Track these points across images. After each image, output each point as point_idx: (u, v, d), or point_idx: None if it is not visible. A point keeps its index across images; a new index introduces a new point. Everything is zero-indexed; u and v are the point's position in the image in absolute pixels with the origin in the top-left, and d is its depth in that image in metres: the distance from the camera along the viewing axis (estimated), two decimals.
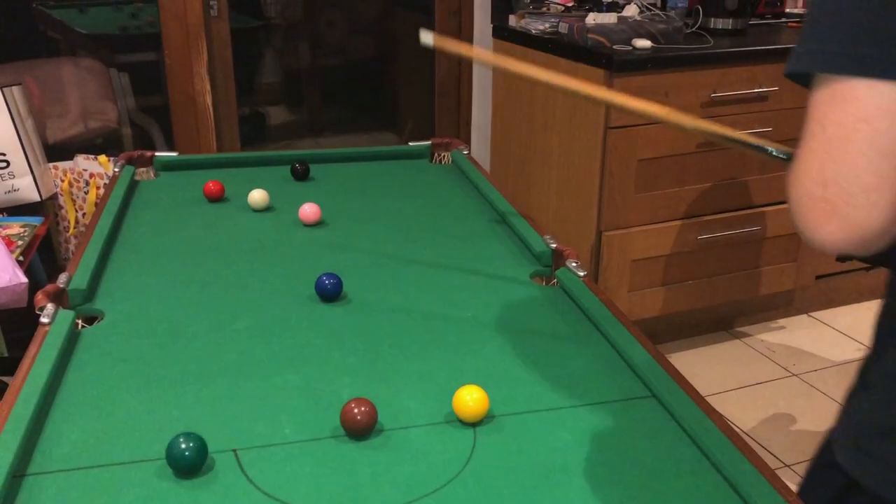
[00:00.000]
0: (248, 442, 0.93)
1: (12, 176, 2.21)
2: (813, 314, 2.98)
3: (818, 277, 2.86)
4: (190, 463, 0.87)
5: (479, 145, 2.99)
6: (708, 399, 1.02)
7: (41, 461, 0.89)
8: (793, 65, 0.76)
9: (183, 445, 0.87)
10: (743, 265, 2.69)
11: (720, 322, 2.85)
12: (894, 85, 0.67)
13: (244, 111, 2.85)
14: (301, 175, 1.77)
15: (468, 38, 2.89)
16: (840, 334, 2.86)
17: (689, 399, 0.98)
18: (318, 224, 1.55)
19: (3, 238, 1.95)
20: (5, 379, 1.90)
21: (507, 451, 0.93)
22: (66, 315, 1.15)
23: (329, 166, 1.86)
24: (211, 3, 2.53)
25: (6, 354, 2.08)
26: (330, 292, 1.25)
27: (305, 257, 1.42)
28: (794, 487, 0.89)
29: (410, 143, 1.95)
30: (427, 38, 1.27)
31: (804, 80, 0.76)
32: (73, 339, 1.13)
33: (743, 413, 2.41)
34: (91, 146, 2.83)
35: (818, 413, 2.42)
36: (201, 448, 0.88)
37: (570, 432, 0.96)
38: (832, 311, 2.99)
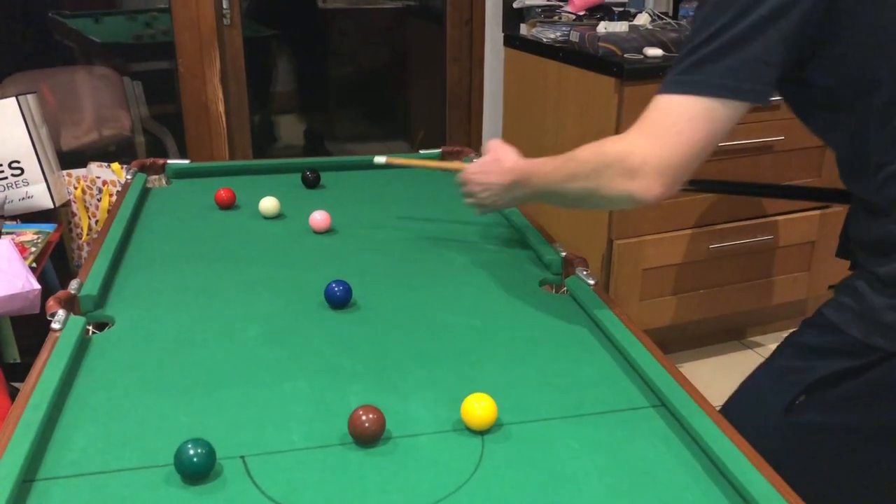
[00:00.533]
0: (256, 448, 0.93)
1: (26, 183, 2.22)
2: None
3: (831, 287, 2.83)
4: (198, 469, 0.87)
5: None
6: (719, 409, 1.01)
7: (50, 466, 0.90)
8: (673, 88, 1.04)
9: (191, 451, 0.87)
10: (755, 274, 2.67)
11: (732, 332, 2.83)
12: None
13: (254, 120, 2.86)
14: (312, 183, 1.78)
15: (480, 48, 2.90)
16: None
17: (699, 409, 0.98)
18: (328, 231, 1.55)
19: (17, 244, 1.97)
20: (17, 385, 1.91)
21: (515, 460, 0.92)
22: (77, 321, 1.16)
23: (340, 174, 1.86)
24: (224, 12, 2.55)
25: (18, 360, 2.09)
26: (339, 299, 1.25)
27: (315, 264, 1.42)
28: None
29: (421, 151, 1.95)
30: (380, 159, 1.48)
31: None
32: (83, 345, 1.14)
33: None
34: (104, 154, 2.85)
35: None
36: (209, 454, 0.88)
37: (579, 441, 0.96)
38: None
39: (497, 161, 1.33)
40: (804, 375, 1.10)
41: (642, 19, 2.55)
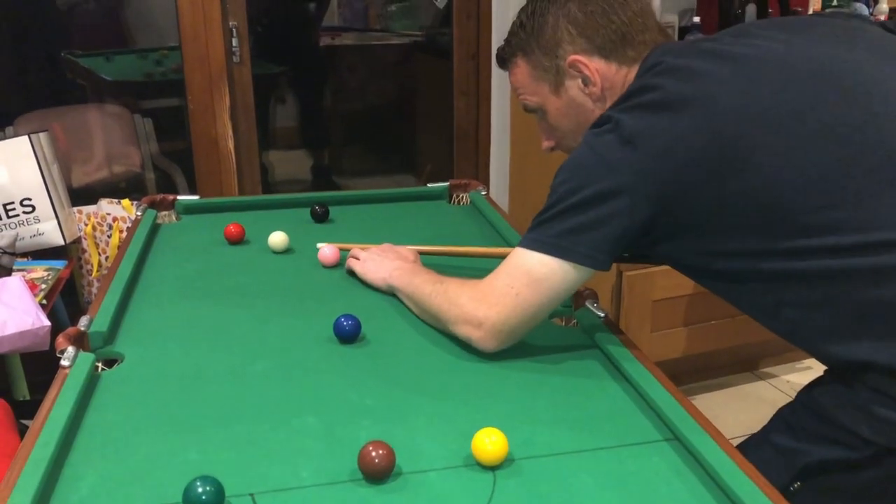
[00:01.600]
0: (265, 485, 0.92)
1: (37, 220, 2.24)
2: None
3: None
4: None
5: (498, 186, 3.00)
6: (733, 442, 1.00)
7: None
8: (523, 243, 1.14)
9: (200, 489, 0.86)
10: None
11: (745, 363, 2.80)
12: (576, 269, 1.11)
13: (263, 156, 2.88)
14: (321, 217, 1.78)
15: (486, 82, 2.92)
16: None
17: (713, 442, 0.96)
18: (337, 266, 1.55)
19: (28, 281, 1.97)
20: (27, 422, 1.90)
21: (527, 496, 0.91)
22: (87, 358, 1.16)
23: (348, 208, 1.87)
24: (233, 49, 2.58)
25: (28, 397, 2.09)
26: (348, 334, 1.25)
27: (324, 299, 1.42)
28: None
29: (429, 185, 1.96)
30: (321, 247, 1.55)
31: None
32: (92, 381, 1.13)
33: None
34: (115, 190, 2.87)
35: None
36: (218, 492, 0.87)
37: (592, 476, 0.94)
38: None
39: (398, 253, 1.48)
40: (796, 459, 1.09)
41: None
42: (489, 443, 0.95)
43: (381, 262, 1.44)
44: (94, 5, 3.07)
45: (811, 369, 2.82)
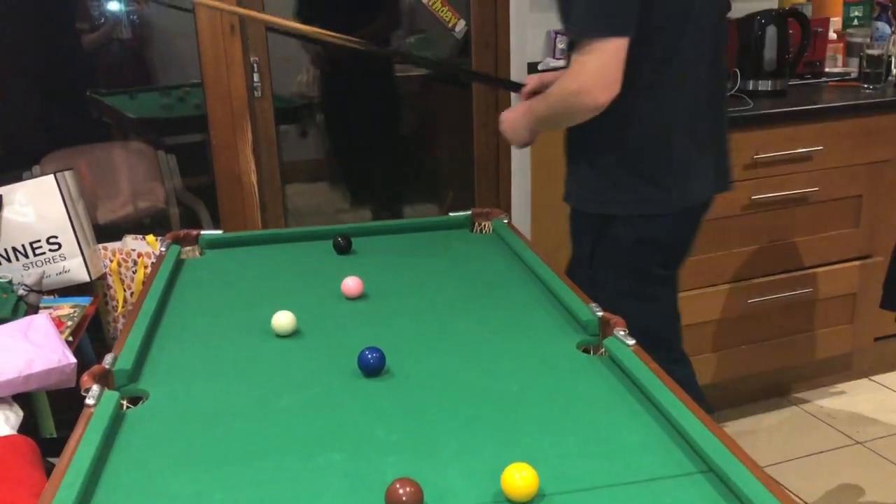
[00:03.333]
0: None
1: (63, 258, 2.26)
2: (874, 378, 2.87)
3: (877, 339, 2.76)
4: None
5: (519, 213, 2.98)
6: (766, 470, 0.97)
7: None
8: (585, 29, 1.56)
9: None
10: (797, 328, 2.61)
11: (776, 388, 2.75)
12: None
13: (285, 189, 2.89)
14: (343, 249, 1.78)
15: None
16: None
17: (749, 473, 0.94)
18: (360, 297, 1.55)
19: (54, 319, 1.98)
20: (54, 460, 1.90)
21: None
22: (111, 396, 1.15)
23: (371, 239, 1.86)
24: (255, 84, 2.60)
25: (55, 434, 2.09)
26: (373, 367, 1.24)
27: (348, 331, 1.41)
28: None
29: (451, 214, 1.95)
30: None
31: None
32: (117, 420, 1.13)
33: (805, 484, 2.30)
34: (139, 226, 2.89)
35: (887, 483, 2.30)
36: None
37: None
38: (894, 375, 2.88)
39: (512, 109, 1.91)
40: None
41: None
42: (519, 478, 0.93)
43: (512, 122, 1.87)
44: (118, 45, 3.12)
45: (845, 394, 2.76)
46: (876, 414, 2.64)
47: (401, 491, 0.91)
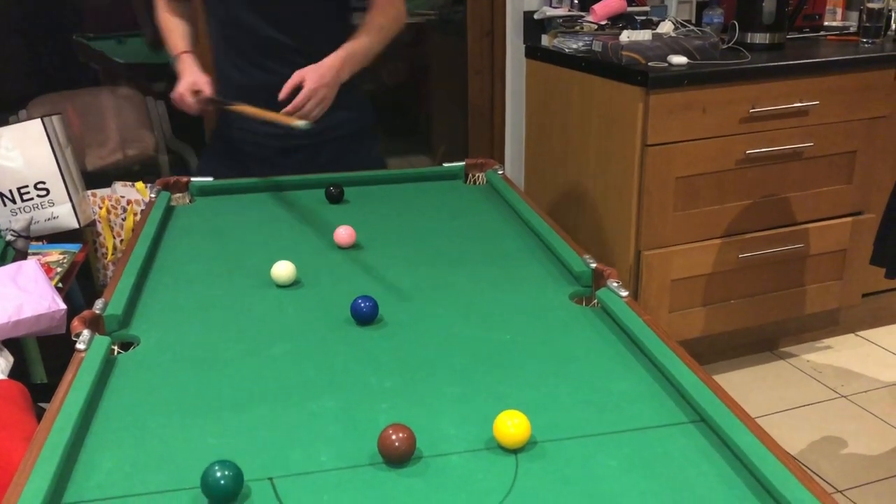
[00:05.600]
0: (284, 470, 0.91)
1: (52, 204, 2.23)
2: (860, 333, 2.89)
3: (865, 295, 2.78)
4: (225, 492, 0.85)
5: (513, 164, 2.97)
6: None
7: (76, 490, 0.88)
8: None
9: (218, 474, 0.85)
10: (787, 283, 2.63)
11: (764, 342, 2.78)
12: None
13: None
14: (335, 198, 1.76)
15: (501, 59, 2.88)
16: (890, 354, 2.77)
17: (741, 423, 0.94)
18: (353, 247, 1.54)
19: (43, 265, 1.97)
20: (45, 405, 1.90)
21: (550, 479, 0.89)
22: (102, 341, 1.15)
23: (363, 189, 1.85)
24: None
25: (45, 381, 2.09)
26: (366, 315, 1.23)
27: (341, 280, 1.40)
28: None
29: (444, 164, 1.94)
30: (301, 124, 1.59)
31: None
32: (108, 365, 1.12)
33: (791, 436, 2.34)
34: (129, 173, 2.86)
35: (870, 436, 2.34)
36: (237, 476, 0.86)
37: (616, 459, 0.92)
38: (881, 331, 2.91)
39: (321, 65, 1.72)
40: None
41: (666, 27, 2.53)
42: (511, 426, 0.93)
43: (334, 81, 1.72)
44: None
45: (831, 349, 2.79)
46: (861, 368, 2.67)
47: (394, 436, 0.91)
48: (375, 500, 0.86)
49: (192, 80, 1.78)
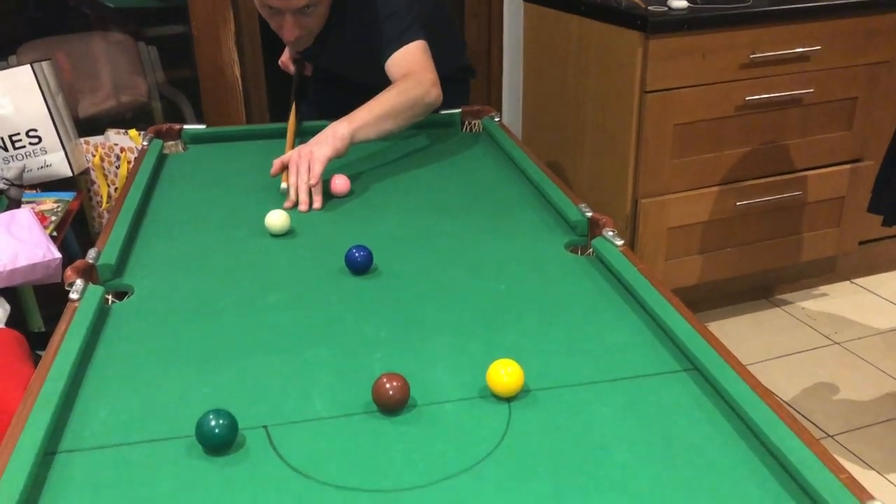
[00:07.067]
0: (278, 418, 0.92)
1: (44, 151, 2.21)
2: (856, 281, 2.90)
3: (861, 243, 2.78)
4: (220, 440, 0.86)
5: (511, 112, 2.93)
6: (748, 368, 0.98)
7: (72, 439, 0.89)
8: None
9: (213, 422, 0.86)
10: (783, 231, 2.62)
11: (760, 290, 2.78)
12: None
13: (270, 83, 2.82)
14: None
15: (499, 3, 2.83)
16: (884, 301, 2.78)
17: (733, 372, 0.95)
18: (347, 195, 1.53)
19: (37, 213, 1.96)
20: (42, 353, 1.91)
21: (543, 427, 0.90)
22: (96, 290, 1.15)
23: None
24: None
25: (43, 329, 2.10)
26: (360, 265, 1.23)
27: (335, 229, 1.40)
28: (838, 457, 0.86)
29: (441, 111, 1.91)
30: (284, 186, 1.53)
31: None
32: (102, 314, 1.13)
33: (784, 382, 2.36)
34: (122, 120, 2.83)
35: (862, 382, 2.36)
36: (231, 425, 0.87)
37: (609, 407, 0.93)
38: (876, 278, 2.91)
39: (330, 130, 1.55)
40: None
41: None
42: (504, 374, 0.93)
43: (326, 136, 1.53)
44: None
45: (827, 296, 2.80)
46: (855, 316, 2.68)
47: (388, 385, 0.91)
48: (370, 448, 0.87)
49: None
